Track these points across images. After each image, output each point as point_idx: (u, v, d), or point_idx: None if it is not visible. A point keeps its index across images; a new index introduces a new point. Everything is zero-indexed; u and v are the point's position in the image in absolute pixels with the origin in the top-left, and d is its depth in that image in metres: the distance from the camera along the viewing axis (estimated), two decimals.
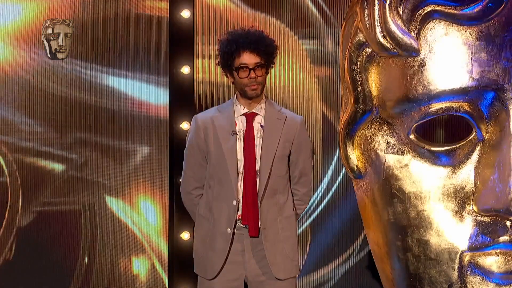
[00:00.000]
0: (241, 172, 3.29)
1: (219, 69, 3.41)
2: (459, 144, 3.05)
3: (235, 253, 3.30)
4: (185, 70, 4.70)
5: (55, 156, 4.72)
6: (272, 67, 3.36)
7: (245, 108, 3.33)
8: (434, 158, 3.05)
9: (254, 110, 3.33)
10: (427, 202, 3.06)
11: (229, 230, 3.28)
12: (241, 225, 3.30)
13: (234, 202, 3.27)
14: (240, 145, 3.31)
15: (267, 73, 3.32)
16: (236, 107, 3.34)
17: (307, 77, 4.78)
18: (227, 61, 3.28)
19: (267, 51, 3.28)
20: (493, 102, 2.96)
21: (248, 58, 3.25)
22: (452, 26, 2.99)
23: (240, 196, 3.28)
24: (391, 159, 3.13)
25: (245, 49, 3.25)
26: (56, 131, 4.70)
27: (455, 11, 2.96)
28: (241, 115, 3.34)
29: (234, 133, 3.30)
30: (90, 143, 4.74)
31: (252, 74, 3.25)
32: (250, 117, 3.32)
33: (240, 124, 3.33)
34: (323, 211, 4.80)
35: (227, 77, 3.36)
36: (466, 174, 3.03)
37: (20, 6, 4.67)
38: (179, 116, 4.70)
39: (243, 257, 3.31)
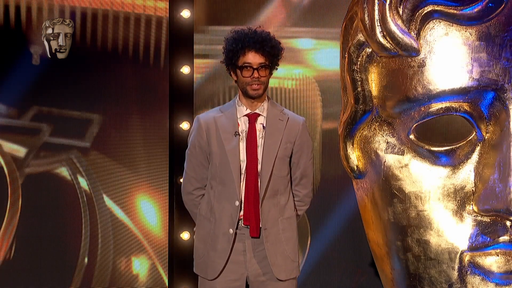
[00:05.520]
0: (243, 172, 3.29)
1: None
2: (459, 144, 3.05)
3: (237, 252, 3.30)
4: (185, 70, 4.70)
5: (55, 155, 4.72)
6: (276, 69, 3.36)
7: (247, 109, 3.33)
8: (434, 158, 3.06)
9: (257, 111, 3.33)
10: (427, 202, 3.06)
11: (231, 230, 3.28)
12: (243, 225, 3.30)
13: (237, 203, 3.27)
14: (242, 146, 3.30)
15: (270, 74, 3.31)
16: (238, 107, 3.34)
17: (307, 77, 4.78)
18: (232, 59, 3.28)
19: (272, 52, 3.27)
20: (493, 102, 2.96)
21: (252, 58, 3.25)
22: (452, 26, 2.99)
23: (242, 196, 3.28)
24: (391, 159, 3.13)
25: (250, 48, 3.24)
26: (57, 131, 4.70)
27: (455, 11, 2.96)
28: (243, 116, 3.34)
29: (236, 134, 3.30)
30: (91, 143, 4.74)
31: (256, 74, 3.25)
32: (252, 118, 3.32)
33: (243, 125, 3.33)
34: (323, 211, 4.79)
35: (230, 75, 3.36)
36: (466, 174, 3.03)
37: None
38: (179, 116, 4.70)
39: (244, 256, 3.31)
